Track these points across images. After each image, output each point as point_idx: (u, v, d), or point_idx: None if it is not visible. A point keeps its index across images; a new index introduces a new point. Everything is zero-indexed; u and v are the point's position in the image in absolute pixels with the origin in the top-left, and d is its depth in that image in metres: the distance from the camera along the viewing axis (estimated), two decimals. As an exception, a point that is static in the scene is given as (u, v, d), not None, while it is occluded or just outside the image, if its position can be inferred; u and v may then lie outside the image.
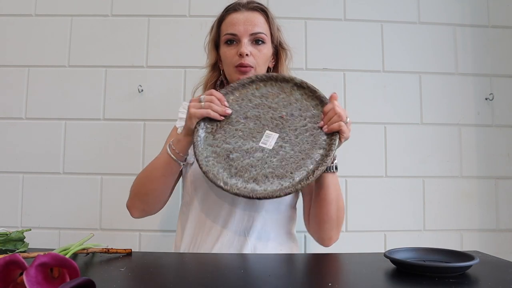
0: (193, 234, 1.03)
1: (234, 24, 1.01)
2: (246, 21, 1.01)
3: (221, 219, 1.00)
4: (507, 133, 1.55)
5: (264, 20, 1.04)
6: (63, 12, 1.51)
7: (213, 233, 1.00)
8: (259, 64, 1.02)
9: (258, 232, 1.00)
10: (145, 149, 1.47)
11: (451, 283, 0.65)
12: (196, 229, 1.03)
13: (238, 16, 1.02)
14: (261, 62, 1.03)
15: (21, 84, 1.48)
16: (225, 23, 1.04)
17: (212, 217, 1.01)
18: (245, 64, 0.99)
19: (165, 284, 0.67)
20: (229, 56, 1.02)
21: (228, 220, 1.00)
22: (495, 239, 1.51)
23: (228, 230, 0.99)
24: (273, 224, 1.02)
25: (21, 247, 0.87)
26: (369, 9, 1.55)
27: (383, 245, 1.48)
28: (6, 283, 0.53)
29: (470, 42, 1.57)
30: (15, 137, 1.47)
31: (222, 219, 1.00)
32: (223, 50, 1.04)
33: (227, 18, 1.04)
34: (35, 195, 1.46)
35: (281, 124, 0.89)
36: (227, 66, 1.04)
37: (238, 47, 1.00)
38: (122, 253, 0.87)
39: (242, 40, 1.00)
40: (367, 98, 1.52)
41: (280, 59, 1.10)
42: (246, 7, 1.03)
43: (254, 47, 1.01)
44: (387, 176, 1.51)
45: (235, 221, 1.00)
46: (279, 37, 1.08)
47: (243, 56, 0.99)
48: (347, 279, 0.70)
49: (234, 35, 1.01)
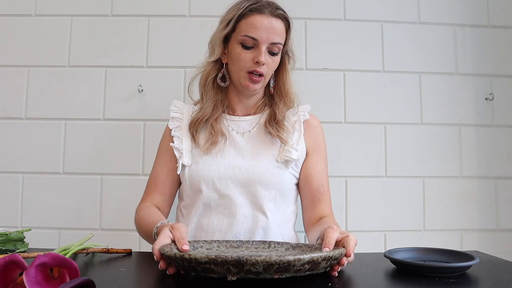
0: (194, 237, 1.01)
1: (257, 28, 0.97)
2: (270, 28, 0.97)
3: (225, 221, 0.99)
4: (507, 133, 1.55)
5: (284, 29, 1.01)
6: (63, 12, 1.51)
7: (217, 236, 0.98)
8: (268, 73, 1.02)
9: (263, 232, 1.00)
10: (145, 149, 1.47)
11: (451, 283, 0.65)
12: (198, 232, 1.01)
13: (262, 20, 0.97)
14: (270, 72, 1.03)
15: (21, 84, 1.48)
16: (246, 23, 0.98)
17: (216, 219, 0.99)
18: (259, 72, 0.99)
19: (165, 284, 0.67)
20: (243, 59, 0.99)
21: (233, 222, 0.99)
22: (495, 239, 1.51)
23: (233, 232, 0.98)
24: (276, 224, 1.02)
25: (21, 247, 0.87)
26: (369, 9, 1.55)
27: (383, 245, 1.48)
28: (6, 283, 0.53)
29: (470, 42, 1.57)
30: (15, 137, 1.47)
31: (227, 221, 0.99)
32: (237, 51, 0.99)
33: (249, 18, 0.98)
34: (35, 195, 1.46)
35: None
36: (238, 68, 1.01)
37: (255, 53, 0.98)
38: (122, 253, 0.87)
39: (261, 47, 0.97)
40: (367, 98, 1.52)
41: (284, 64, 1.08)
42: (271, 12, 0.98)
43: (269, 56, 1.00)
44: (387, 176, 1.51)
45: (239, 222, 0.99)
46: (288, 45, 1.06)
47: (260, 65, 0.98)
48: (347, 279, 0.69)
49: (255, 39, 0.97)
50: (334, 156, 1.17)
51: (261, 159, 1.01)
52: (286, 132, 1.04)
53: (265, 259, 0.57)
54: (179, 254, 0.61)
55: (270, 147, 1.03)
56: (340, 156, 1.49)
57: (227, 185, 0.99)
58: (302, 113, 1.09)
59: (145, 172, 1.47)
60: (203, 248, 0.81)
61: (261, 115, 1.09)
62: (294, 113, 1.09)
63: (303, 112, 1.10)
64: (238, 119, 1.08)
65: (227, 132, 1.05)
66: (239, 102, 1.09)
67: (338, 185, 1.48)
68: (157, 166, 1.08)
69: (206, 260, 0.58)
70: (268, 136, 1.04)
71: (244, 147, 1.03)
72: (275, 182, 1.00)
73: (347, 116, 1.52)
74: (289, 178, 1.04)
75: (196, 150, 1.03)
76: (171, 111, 1.09)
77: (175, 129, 1.06)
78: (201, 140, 1.03)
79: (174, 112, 1.09)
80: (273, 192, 1.01)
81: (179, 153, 1.02)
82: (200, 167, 1.00)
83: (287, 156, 1.01)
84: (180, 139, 1.04)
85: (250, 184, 0.99)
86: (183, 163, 1.01)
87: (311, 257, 0.60)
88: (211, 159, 1.01)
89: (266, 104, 1.10)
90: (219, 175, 0.99)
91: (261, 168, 1.00)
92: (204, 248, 0.81)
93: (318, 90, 1.50)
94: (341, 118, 1.52)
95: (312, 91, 1.48)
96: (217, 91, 1.06)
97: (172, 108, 1.10)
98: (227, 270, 0.58)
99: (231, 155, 1.02)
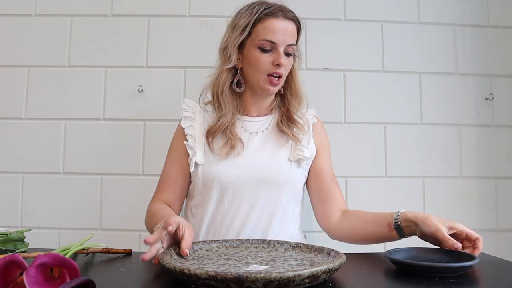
0: (206, 237, 1.01)
1: (274, 31, 0.99)
2: (286, 31, 1.00)
3: (238, 220, 1.00)
4: (507, 133, 1.55)
5: (296, 31, 1.04)
6: (63, 12, 1.51)
7: (230, 235, 0.99)
8: (285, 75, 1.05)
9: (276, 230, 1.00)
10: (145, 149, 1.47)
11: (451, 283, 0.65)
12: (212, 231, 1.01)
13: (278, 23, 1.00)
14: (287, 73, 1.05)
15: (21, 84, 1.48)
16: (263, 27, 1.00)
17: (229, 218, 1.00)
18: (279, 73, 1.01)
19: (165, 284, 0.67)
20: (263, 63, 1.00)
21: (246, 221, 0.99)
22: (495, 239, 1.51)
23: (246, 231, 0.99)
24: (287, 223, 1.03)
25: (21, 247, 0.87)
26: (369, 9, 1.55)
27: (383, 245, 1.48)
28: (6, 283, 0.53)
29: (470, 42, 1.56)
30: (15, 137, 1.47)
31: (240, 220, 1.00)
32: (256, 55, 1.01)
33: (266, 22, 1.00)
34: (35, 195, 1.46)
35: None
36: (258, 72, 1.02)
37: (274, 56, 1.00)
38: (122, 253, 0.87)
39: (279, 49, 1.00)
40: (367, 98, 1.52)
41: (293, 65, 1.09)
42: (285, 15, 1.01)
43: (286, 58, 1.02)
44: (387, 176, 1.51)
45: (253, 221, 0.99)
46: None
47: (281, 66, 1.00)
48: (347, 279, 0.69)
49: (273, 43, 0.99)
50: (334, 156, 1.18)
51: (274, 158, 1.03)
52: (299, 129, 1.07)
53: (265, 276, 0.57)
54: (178, 268, 0.61)
55: (282, 146, 1.05)
56: (340, 156, 1.49)
57: (241, 185, 1.00)
58: (311, 117, 1.13)
59: (145, 172, 1.47)
60: (202, 250, 0.80)
61: (274, 115, 1.11)
62: (301, 116, 1.12)
63: (311, 116, 1.13)
64: (252, 119, 1.09)
65: (241, 133, 1.06)
66: (254, 104, 1.10)
67: (338, 185, 1.48)
68: (168, 165, 1.09)
69: (206, 277, 0.58)
70: (281, 136, 1.07)
71: (257, 147, 1.05)
72: (287, 181, 1.02)
73: (347, 116, 1.52)
74: (300, 177, 1.06)
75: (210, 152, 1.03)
76: (183, 110, 1.10)
77: (188, 128, 1.07)
78: (217, 144, 1.03)
79: (186, 111, 1.10)
80: (286, 191, 1.02)
81: (193, 152, 1.03)
82: (213, 166, 1.01)
83: (300, 155, 1.03)
84: (193, 138, 1.05)
85: (263, 183, 1.00)
86: (197, 161, 1.02)
87: (310, 272, 0.60)
88: (225, 158, 1.01)
89: (279, 105, 1.12)
90: (232, 174, 1.00)
91: (274, 167, 1.02)
92: (204, 250, 0.81)
93: (318, 90, 1.50)
94: (341, 118, 1.52)
95: (312, 91, 1.48)
96: (233, 97, 1.07)
97: (184, 107, 1.11)
98: (227, 286, 0.58)
99: (244, 154, 1.03)
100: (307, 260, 0.74)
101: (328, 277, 0.66)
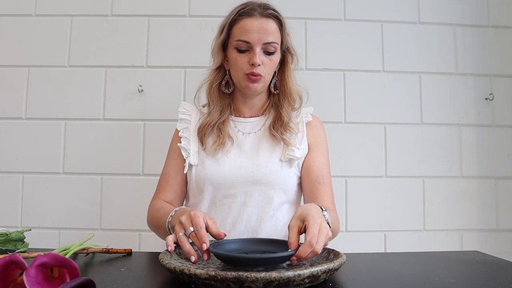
0: None
1: (248, 31, 0.99)
2: (260, 29, 0.99)
3: (229, 220, 1.00)
4: (507, 133, 1.55)
5: (277, 28, 1.02)
6: (63, 12, 1.51)
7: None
8: (268, 72, 1.03)
9: (268, 230, 1.00)
10: (145, 149, 1.47)
11: (451, 283, 0.65)
12: None
13: (252, 22, 0.99)
14: (270, 71, 1.04)
15: (21, 84, 1.48)
16: (237, 28, 1.01)
17: (220, 218, 1.00)
18: (256, 73, 1.00)
19: (165, 284, 0.67)
20: (240, 63, 1.01)
21: (237, 221, 1.00)
22: (495, 239, 1.51)
23: (236, 231, 0.99)
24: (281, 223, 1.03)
25: (21, 247, 0.87)
26: (369, 9, 1.55)
27: (383, 245, 1.48)
28: (6, 283, 0.53)
29: (470, 42, 1.57)
30: (15, 137, 1.47)
31: (231, 220, 1.00)
32: (234, 56, 1.02)
33: (240, 23, 1.00)
34: (35, 195, 1.46)
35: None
36: (237, 72, 1.03)
37: (250, 55, 1.00)
38: (122, 253, 0.87)
39: (254, 48, 0.99)
40: (367, 98, 1.52)
41: (287, 63, 1.09)
42: (261, 13, 1.00)
43: (265, 56, 1.01)
44: (387, 176, 1.51)
45: (243, 221, 1.00)
46: (287, 43, 1.07)
47: (256, 66, 0.99)
48: (347, 279, 0.69)
49: (247, 42, 0.99)
50: (334, 156, 1.18)
51: (266, 159, 1.03)
52: (291, 133, 1.06)
53: (265, 276, 0.57)
54: (178, 268, 0.62)
55: (274, 147, 1.05)
56: (340, 156, 1.49)
57: (232, 185, 1.00)
58: (305, 115, 1.11)
59: (145, 172, 1.47)
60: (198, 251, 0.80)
61: (267, 117, 1.10)
62: (297, 115, 1.11)
63: (305, 114, 1.11)
64: (244, 120, 1.09)
65: (233, 133, 1.07)
66: (245, 104, 1.10)
67: (338, 185, 1.48)
68: (168, 165, 1.10)
69: (206, 277, 0.58)
70: (273, 138, 1.06)
71: (250, 148, 1.05)
72: (279, 181, 1.02)
73: (347, 116, 1.52)
74: (293, 178, 1.05)
75: (203, 152, 1.04)
76: (179, 113, 1.11)
77: (183, 131, 1.08)
78: (209, 142, 1.05)
79: (182, 114, 1.11)
80: (278, 191, 1.02)
81: (187, 153, 1.04)
82: (206, 167, 1.02)
83: (291, 155, 1.03)
84: (187, 140, 1.06)
85: (254, 183, 1.00)
86: (190, 162, 1.03)
87: (310, 272, 0.60)
88: (217, 159, 1.02)
89: (272, 106, 1.11)
90: (224, 174, 1.00)
91: (265, 168, 1.01)
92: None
93: (318, 90, 1.50)
94: (341, 118, 1.52)
95: (312, 91, 1.48)
96: (222, 97, 1.09)
97: (180, 110, 1.11)
98: (227, 286, 0.58)
99: (236, 155, 1.03)
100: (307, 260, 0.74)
101: (328, 277, 0.66)
